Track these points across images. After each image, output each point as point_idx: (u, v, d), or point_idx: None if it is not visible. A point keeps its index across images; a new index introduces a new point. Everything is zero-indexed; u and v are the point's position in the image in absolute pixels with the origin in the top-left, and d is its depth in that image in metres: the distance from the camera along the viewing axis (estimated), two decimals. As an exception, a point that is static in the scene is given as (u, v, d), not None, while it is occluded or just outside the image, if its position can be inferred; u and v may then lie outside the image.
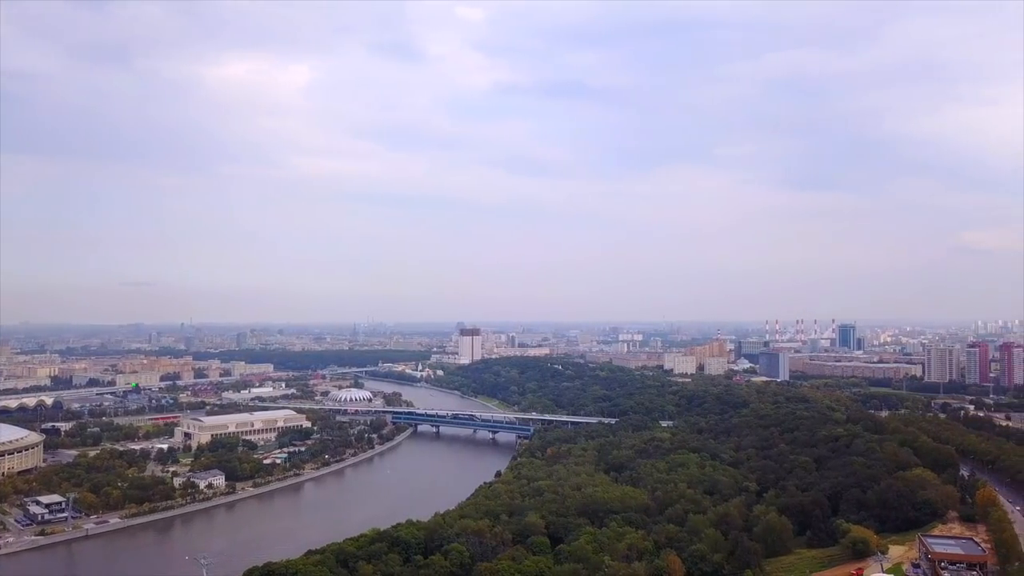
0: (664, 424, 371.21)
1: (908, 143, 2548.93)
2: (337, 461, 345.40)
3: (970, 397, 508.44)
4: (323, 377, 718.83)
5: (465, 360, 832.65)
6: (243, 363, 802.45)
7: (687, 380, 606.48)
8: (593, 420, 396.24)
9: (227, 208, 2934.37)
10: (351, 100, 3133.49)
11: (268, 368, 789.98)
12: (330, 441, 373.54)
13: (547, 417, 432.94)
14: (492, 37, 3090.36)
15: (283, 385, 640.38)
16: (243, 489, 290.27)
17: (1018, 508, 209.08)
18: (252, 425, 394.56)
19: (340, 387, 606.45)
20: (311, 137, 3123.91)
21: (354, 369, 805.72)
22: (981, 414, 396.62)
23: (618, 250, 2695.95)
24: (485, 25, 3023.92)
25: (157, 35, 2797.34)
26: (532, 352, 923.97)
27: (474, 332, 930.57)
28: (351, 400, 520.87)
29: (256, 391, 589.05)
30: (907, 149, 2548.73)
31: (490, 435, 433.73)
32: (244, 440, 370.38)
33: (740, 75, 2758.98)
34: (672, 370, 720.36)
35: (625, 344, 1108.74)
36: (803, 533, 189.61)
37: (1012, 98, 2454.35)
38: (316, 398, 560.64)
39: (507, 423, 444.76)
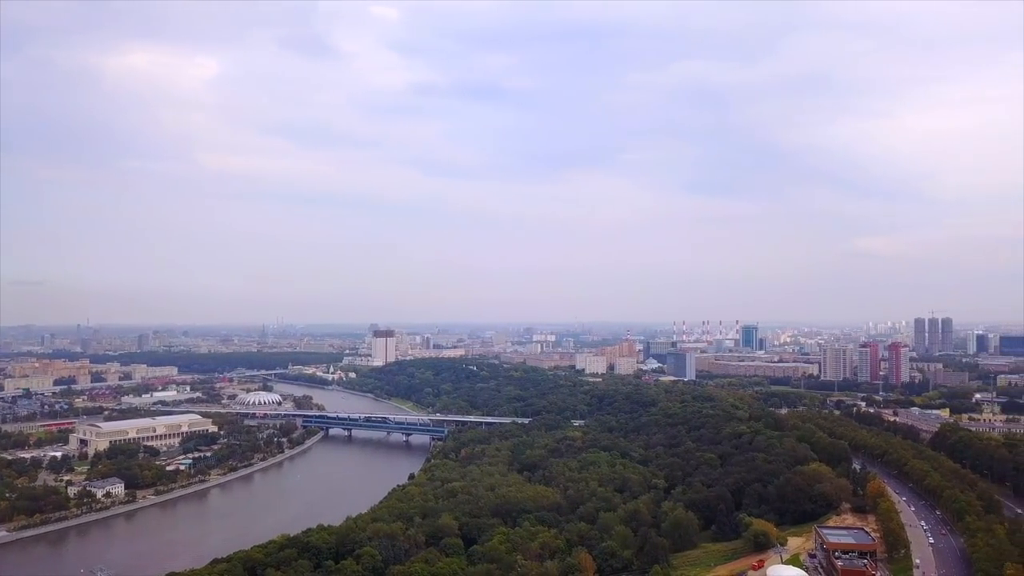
0: (576, 423, 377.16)
1: (805, 152, 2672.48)
2: (245, 466, 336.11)
3: (862, 394, 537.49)
4: (230, 380, 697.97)
5: (378, 362, 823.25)
6: (145, 366, 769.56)
7: (598, 380, 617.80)
8: (507, 420, 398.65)
9: (129, 205, 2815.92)
10: (261, 96, 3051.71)
11: (172, 371, 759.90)
12: (237, 446, 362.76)
13: (461, 418, 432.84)
14: (407, 37, 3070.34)
15: (188, 389, 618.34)
16: (144, 497, 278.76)
17: (904, 498, 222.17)
18: (154, 430, 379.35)
19: (248, 390, 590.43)
20: (218, 133, 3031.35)
21: (263, 372, 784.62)
22: (872, 410, 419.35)
23: (531, 252, 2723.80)
24: (400, 24, 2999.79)
25: (52, 22, 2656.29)
26: (447, 353, 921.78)
27: (388, 334, 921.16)
28: (260, 403, 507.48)
29: (159, 395, 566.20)
30: (804, 158, 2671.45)
31: (404, 437, 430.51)
32: (146, 446, 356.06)
33: (647, 83, 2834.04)
34: (584, 370, 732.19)
35: (539, 345, 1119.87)
36: (709, 527, 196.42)
37: (901, 111, 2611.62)
38: (223, 402, 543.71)
39: (421, 425, 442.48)
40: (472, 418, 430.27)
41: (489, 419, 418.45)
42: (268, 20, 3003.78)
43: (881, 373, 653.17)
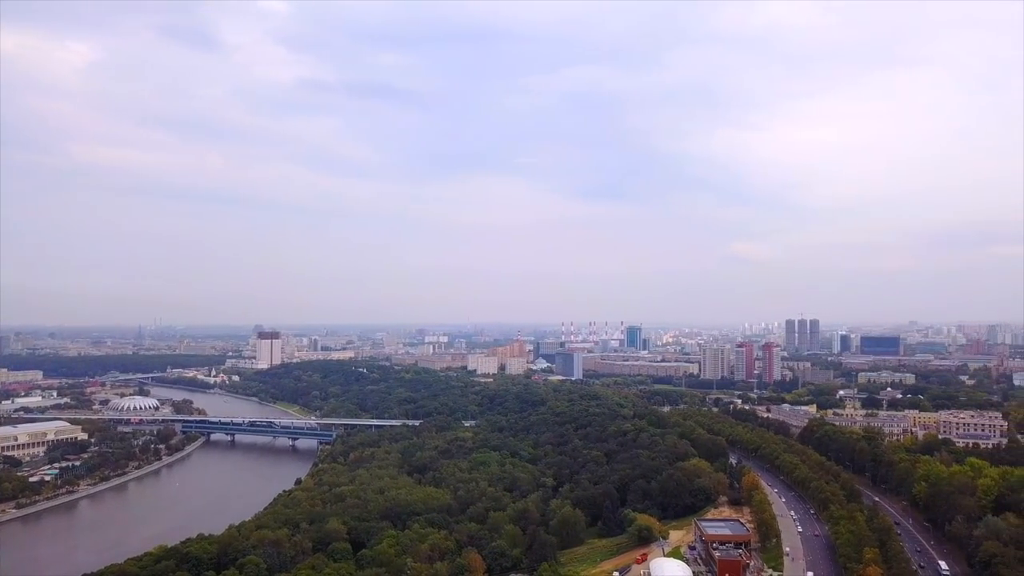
0: (467, 424, 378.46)
1: (689, 160, 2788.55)
2: (118, 475, 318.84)
3: (738, 392, 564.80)
4: (103, 385, 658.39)
5: (264, 365, 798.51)
6: (5, 370, 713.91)
7: (489, 380, 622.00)
8: (398, 423, 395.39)
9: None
10: (138, 85, 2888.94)
11: (37, 375, 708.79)
12: (110, 454, 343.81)
13: (351, 421, 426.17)
14: (296, 31, 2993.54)
15: (55, 394, 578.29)
16: (4, 512, 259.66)
17: (776, 490, 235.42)
18: (15, 439, 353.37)
19: (123, 395, 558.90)
20: (91, 123, 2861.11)
21: (139, 375, 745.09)
22: (747, 407, 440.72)
23: (423, 253, 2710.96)
24: (288, 18, 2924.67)
25: None
26: (336, 355, 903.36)
27: (273, 335, 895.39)
28: (135, 409, 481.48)
29: (21, 401, 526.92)
30: (688, 165, 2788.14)
31: (290, 442, 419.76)
32: (6, 456, 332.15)
33: (540, 87, 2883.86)
34: (476, 371, 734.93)
35: (431, 346, 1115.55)
36: (595, 524, 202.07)
37: (775, 124, 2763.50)
38: (94, 407, 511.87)
39: (308, 429, 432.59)
40: (362, 421, 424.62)
41: (379, 422, 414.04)
42: (145, 6, 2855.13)
43: (756, 372, 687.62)
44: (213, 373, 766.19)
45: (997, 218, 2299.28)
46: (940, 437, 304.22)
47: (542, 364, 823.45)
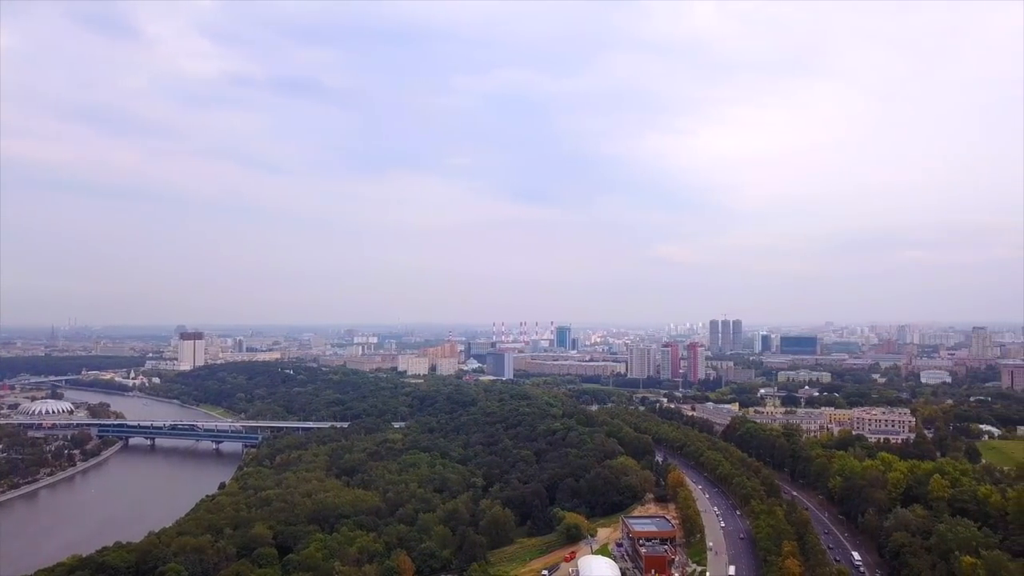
0: (397, 425, 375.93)
1: (616, 163, 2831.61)
2: (28, 483, 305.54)
3: (664, 391, 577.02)
4: (11, 388, 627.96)
5: (186, 366, 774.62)
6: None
7: (420, 381, 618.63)
8: (326, 425, 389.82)
9: None
10: (51, 75, 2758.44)
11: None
12: (19, 460, 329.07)
13: (277, 424, 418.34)
14: (221, 24, 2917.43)
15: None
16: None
17: (700, 486, 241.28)
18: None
19: (34, 398, 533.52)
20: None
21: (52, 378, 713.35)
22: (672, 406, 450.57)
23: (354, 253, 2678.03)
24: (213, 11, 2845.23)
25: None
26: (262, 357, 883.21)
27: (196, 336, 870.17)
28: (47, 413, 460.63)
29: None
30: (613, 169, 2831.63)
31: (214, 445, 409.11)
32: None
33: (470, 88, 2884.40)
34: (406, 371, 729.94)
35: (360, 347, 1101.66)
36: (525, 523, 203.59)
37: (700, 130, 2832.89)
38: (2, 412, 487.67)
39: (233, 432, 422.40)
40: (288, 423, 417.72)
41: (306, 424, 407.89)
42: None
43: (681, 371, 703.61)
44: (132, 375, 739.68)
45: (905, 223, 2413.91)
46: (854, 433, 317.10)
47: (473, 364, 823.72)
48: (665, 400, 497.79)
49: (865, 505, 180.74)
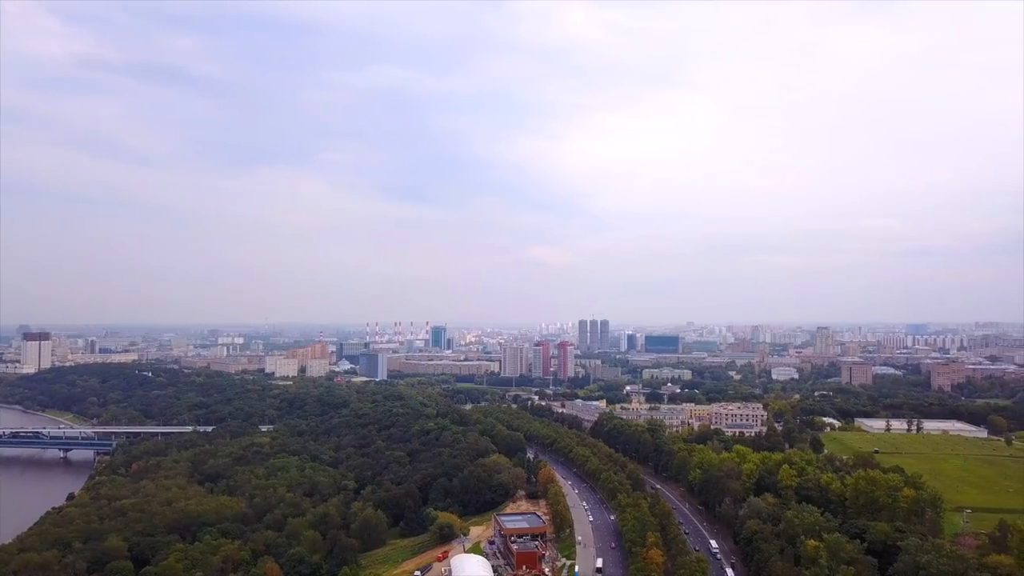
0: (265, 429, 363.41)
1: (489, 165, 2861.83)
2: None
3: (536, 389, 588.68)
4: None
5: (30, 369, 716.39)
6: None
7: (289, 383, 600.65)
8: (188, 429, 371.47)
9: None
10: None
11: None
12: None
13: (134, 429, 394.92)
14: (72, 2, 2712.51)
15: None
16: None
17: (570, 482, 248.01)
18: None
19: None
20: None
21: None
22: (544, 403, 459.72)
23: (217, 249, 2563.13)
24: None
25: None
26: (117, 358, 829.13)
27: (42, 336, 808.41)
28: None
29: None
30: (488, 170, 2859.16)
31: (62, 454, 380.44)
32: None
33: (343, 83, 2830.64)
34: (274, 373, 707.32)
35: (225, 348, 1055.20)
36: (398, 524, 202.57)
37: (571, 135, 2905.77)
38: None
39: (84, 439, 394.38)
40: (146, 428, 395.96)
41: (167, 428, 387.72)
42: None
43: (552, 369, 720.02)
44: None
45: (760, 229, 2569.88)
46: (712, 427, 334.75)
47: (345, 365, 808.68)
48: (537, 398, 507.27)
49: (722, 495, 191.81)
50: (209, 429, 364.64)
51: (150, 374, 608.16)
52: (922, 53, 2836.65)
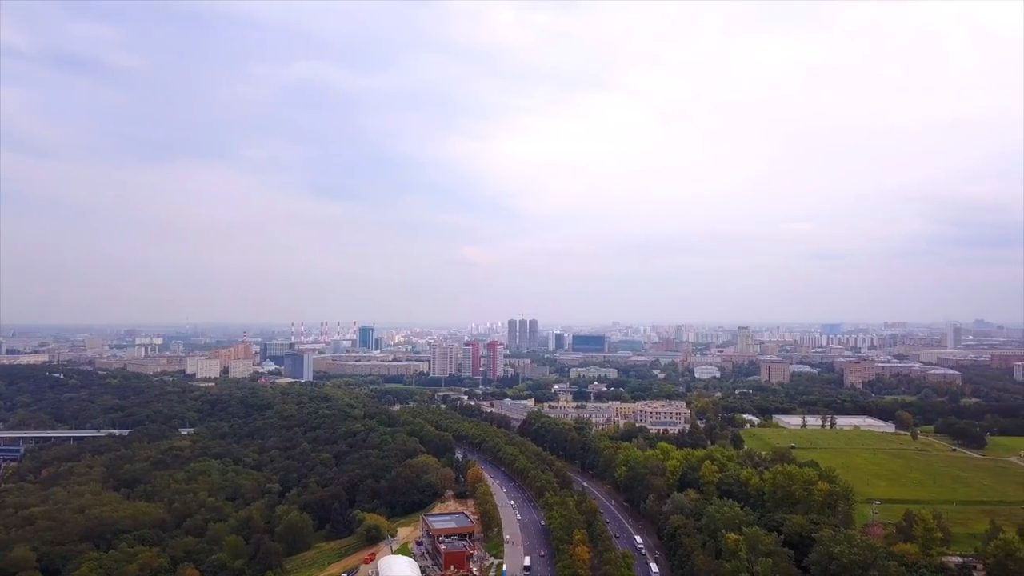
0: (185, 432, 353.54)
1: (418, 164, 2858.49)
2: None
3: (465, 388, 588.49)
4: None
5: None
6: None
7: (211, 384, 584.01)
8: (103, 433, 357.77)
9: None
10: None
11: None
12: None
13: (43, 433, 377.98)
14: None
15: None
16: None
17: (499, 481, 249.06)
18: None
19: None
20: None
21: None
22: (472, 403, 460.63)
23: (133, 246, 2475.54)
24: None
25: None
26: (25, 359, 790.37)
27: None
28: None
29: None
30: (417, 169, 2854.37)
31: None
32: None
33: (269, 78, 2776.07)
34: (195, 374, 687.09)
35: (143, 348, 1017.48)
36: (324, 527, 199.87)
37: (500, 136, 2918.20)
38: None
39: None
40: (57, 433, 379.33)
41: (79, 432, 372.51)
42: None
43: (481, 368, 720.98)
44: None
45: (682, 231, 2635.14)
46: (637, 425, 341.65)
47: (270, 366, 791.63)
48: (466, 398, 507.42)
49: (647, 492, 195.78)
50: (126, 433, 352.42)
51: (62, 376, 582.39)
52: (830, 64, 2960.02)
